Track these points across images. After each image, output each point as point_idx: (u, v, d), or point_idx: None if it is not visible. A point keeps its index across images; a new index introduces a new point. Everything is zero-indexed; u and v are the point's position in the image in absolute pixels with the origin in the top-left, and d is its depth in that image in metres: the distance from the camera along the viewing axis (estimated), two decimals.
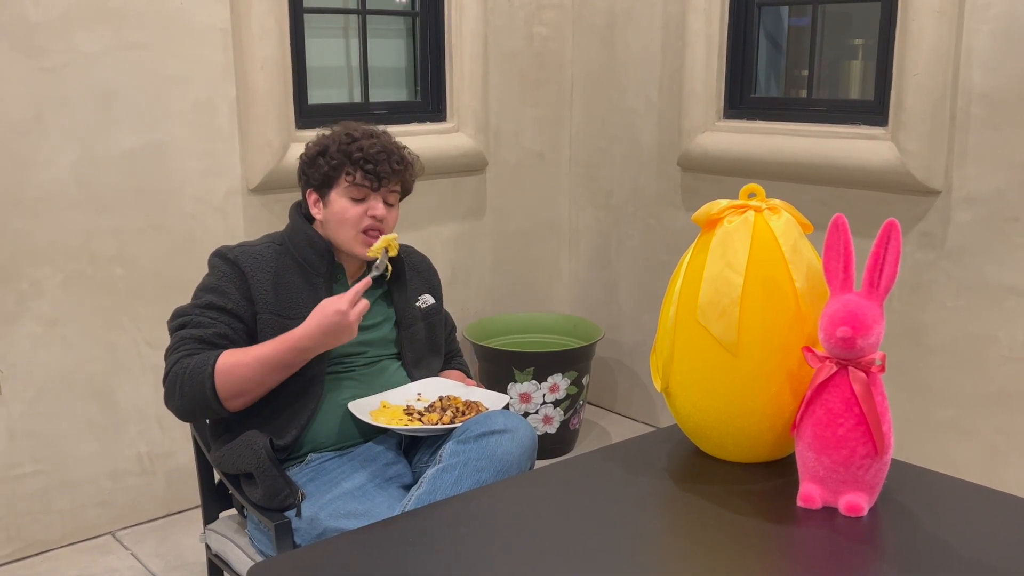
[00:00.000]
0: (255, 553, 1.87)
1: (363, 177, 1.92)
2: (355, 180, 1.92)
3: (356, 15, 3.31)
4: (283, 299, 1.90)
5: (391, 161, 1.94)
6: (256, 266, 1.90)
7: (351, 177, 1.92)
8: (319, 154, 1.96)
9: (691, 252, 1.61)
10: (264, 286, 1.89)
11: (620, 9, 3.58)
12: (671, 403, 1.64)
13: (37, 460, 2.73)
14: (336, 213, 1.93)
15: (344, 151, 1.93)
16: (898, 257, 1.38)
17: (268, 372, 1.80)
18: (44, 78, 2.59)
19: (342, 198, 1.93)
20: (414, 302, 2.08)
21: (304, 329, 1.78)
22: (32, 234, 2.63)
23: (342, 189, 1.93)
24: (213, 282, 1.89)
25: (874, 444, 1.40)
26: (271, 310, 1.88)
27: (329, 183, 1.95)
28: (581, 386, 3.42)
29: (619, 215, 3.73)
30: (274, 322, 1.87)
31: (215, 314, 1.86)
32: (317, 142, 1.98)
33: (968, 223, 2.75)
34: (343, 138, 1.94)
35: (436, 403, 1.93)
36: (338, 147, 1.93)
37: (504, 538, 1.37)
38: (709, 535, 1.37)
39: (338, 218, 1.93)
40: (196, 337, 1.83)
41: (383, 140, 1.96)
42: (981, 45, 2.65)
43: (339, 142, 1.94)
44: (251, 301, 1.88)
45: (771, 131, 3.15)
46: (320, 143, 1.97)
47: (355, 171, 1.92)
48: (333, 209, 1.94)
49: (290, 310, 1.89)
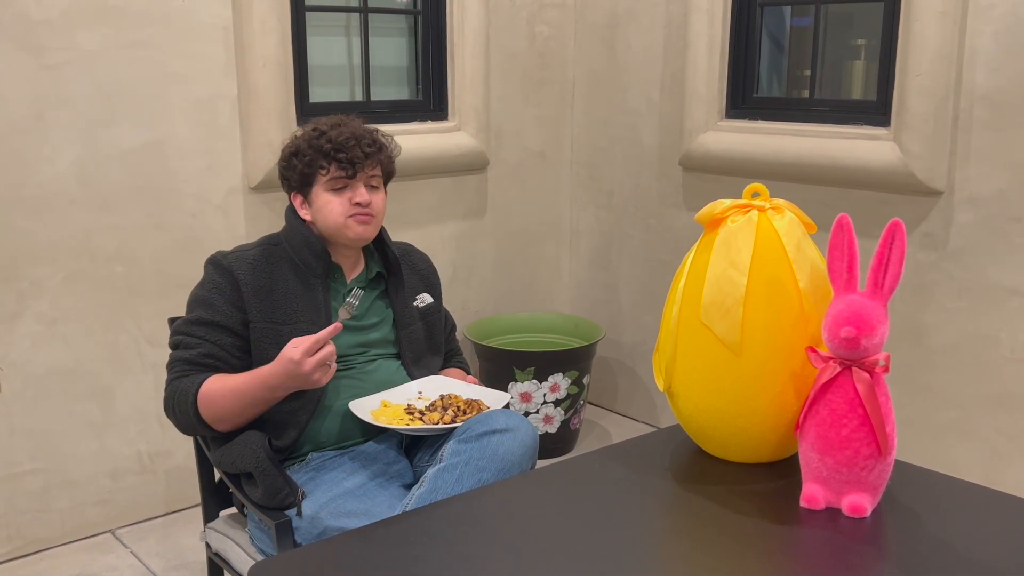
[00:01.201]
0: (255, 552, 1.87)
1: (338, 168, 1.91)
2: (330, 172, 1.91)
3: (358, 13, 3.31)
4: (278, 305, 1.89)
5: (362, 146, 1.92)
6: (250, 272, 1.89)
7: (325, 170, 1.91)
8: (292, 155, 1.96)
9: (694, 252, 1.60)
10: (258, 293, 1.88)
11: (622, 9, 3.58)
12: (674, 403, 1.64)
13: (37, 458, 2.72)
14: (321, 208, 1.93)
15: (314, 146, 1.92)
16: (902, 257, 1.38)
17: (244, 405, 1.80)
18: (45, 76, 2.59)
19: (324, 192, 1.92)
20: (411, 301, 2.08)
21: (271, 368, 1.76)
22: (33, 232, 2.63)
23: (321, 184, 1.93)
24: (203, 294, 1.89)
25: (877, 445, 1.39)
26: (265, 317, 1.87)
27: (309, 181, 1.94)
28: (582, 386, 3.41)
29: (620, 215, 3.73)
30: (268, 329, 1.87)
31: (204, 331, 1.86)
32: (289, 144, 1.98)
33: (970, 224, 2.75)
34: (311, 134, 1.94)
35: (437, 402, 1.92)
36: (308, 143, 1.93)
37: (506, 538, 1.37)
38: (711, 535, 1.37)
39: (324, 212, 1.92)
40: (184, 359, 1.85)
41: (351, 127, 1.94)
42: (984, 46, 2.65)
43: (308, 138, 1.94)
44: (242, 310, 1.87)
45: (773, 131, 3.15)
46: (292, 144, 1.97)
47: (328, 163, 1.91)
48: (318, 205, 1.93)
49: (285, 316, 1.88)
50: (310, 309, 1.90)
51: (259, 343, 1.86)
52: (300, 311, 1.88)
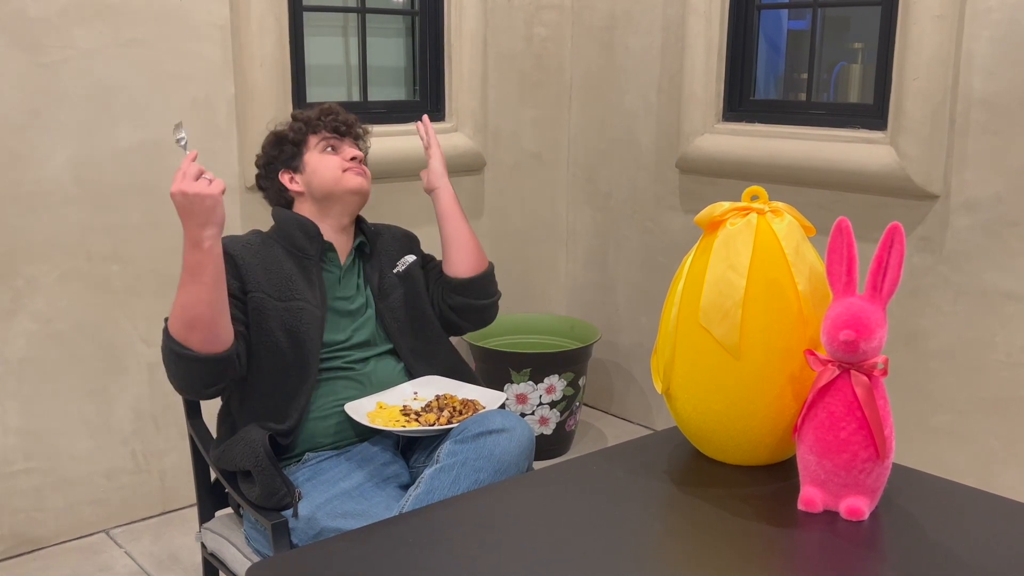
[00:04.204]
0: (251, 552, 1.86)
1: (332, 129, 2.06)
2: (321, 135, 2.06)
3: (355, 14, 3.31)
4: (274, 281, 1.92)
5: (343, 113, 2.09)
6: (245, 252, 1.93)
7: (318, 135, 2.05)
8: (278, 142, 2.08)
9: (693, 254, 1.60)
10: (254, 269, 1.91)
11: (620, 11, 3.58)
12: (672, 405, 1.64)
13: (31, 457, 2.71)
14: (316, 168, 2.03)
15: (303, 121, 2.07)
16: (901, 261, 1.38)
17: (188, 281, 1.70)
18: (42, 74, 2.58)
19: (316, 155, 2.05)
20: (392, 269, 2.12)
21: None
22: (28, 230, 2.62)
23: (313, 149, 2.05)
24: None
25: (875, 448, 1.39)
26: (262, 290, 1.90)
27: (299, 153, 2.05)
28: (578, 387, 3.41)
29: (617, 217, 3.73)
30: (265, 301, 1.89)
31: None
32: (269, 138, 2.10)
33: (967, 228, 2.75)
34: (294, 120, 2.10)
35: (433, 403, 1.92)
36: (290, 126, 2.08)
37: (503, 540, 1.36)
38: (709, 538, 1.37)
39: (320, 170, 2.03)
40: None
41: (326, 105, 2.11)
42: (981, 50, 2.65)
43: (291, 123, 2.09)
44: (240, 279, 1.89)
45: (770, 134, 3.15)
46: (274, 135, 2.10)
47: (319, 128, 2.06)
48: (311, 167, 2.04)
49: (281, 293, 1.91)
50: (306, 288, 1.93)
51: (257, 314, 1.88)
52: (296, 290, 1.91)
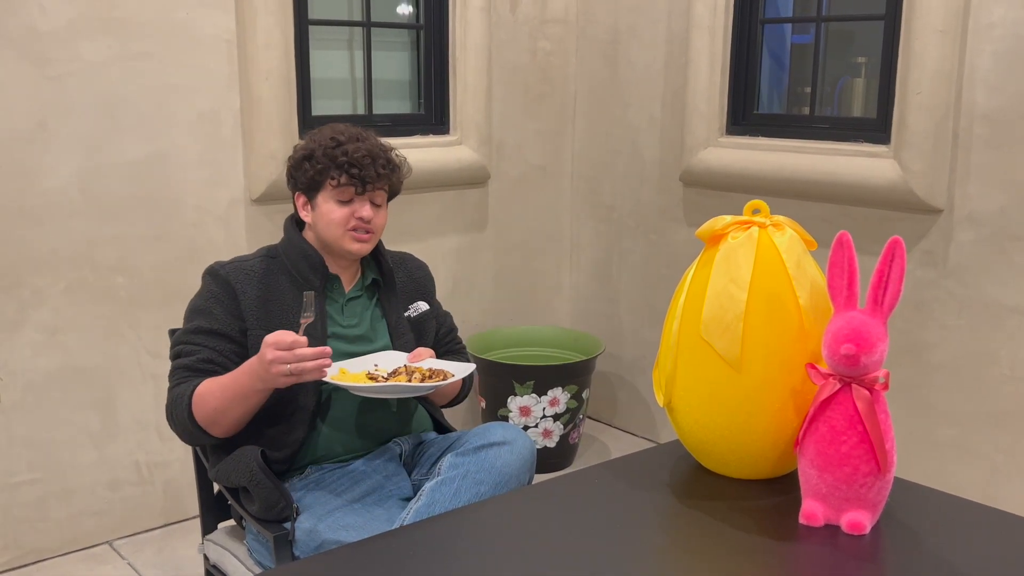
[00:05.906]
0: (253, 565, 1.86)
1: (348, 181, 1.91)
2: (340, 183, 1.91)
3: (361, 27, 3.32)
4: (274, 315, 1.89)
5: (376, 165, 1.92)
6: (247, 282, 1.90)
7: (335, 181, 1.91)
8: (305, 158, 1.95)
9: (695, 267, 1.61)
10: (255, 303, 1.88)
11: (624, 25, 3.59)
12: (673, 418, 1.64)
13: (35, 468, 2.72)
14: (323, 215, 1.93)
15: (329, 155, 1.91)
16: (902, 275, 1.38)
17: (231, 399, 1.77)
18: (49, 86, 2.59)
19: (328, 201, 1.93)
20: (404, 312, 2.08)
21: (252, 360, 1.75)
22: (34, 242, 2.63)
23: (328, 192, 1.92)
24: (201, 304, 1.89)
25: (877, 462, 1.39)
26: (262, 327, 1.87)
27: (316, 187, 1.94)
28: (581, 400, 3.41)
29: (621, 229, 3.74)
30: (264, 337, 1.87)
31: (203, 338, 1.86)
32: (304, 145, 1.98)
33: (970, 242, 2.75)
34: (328, 142, 1.93)
35: (401, 368, 1.90)
36: (323, 151, 1.92)
37: (504, 553, 1.36)
38: (710, 551, 1.37)
39: (325, 220, 1.93)
40: (184, 366, 1.85)
41: (369, 143, 1.94)
42: (984, 65, 2.66)
43: (324, 146, 1.93)
44: (240, 318, 1.87)
45: (773, 148, 3.16)
46: (306, 147, 1.96)
47: (339, 175, 1.91)
48: (320, 211, 1.94)
49: (282, 326, 1.87)
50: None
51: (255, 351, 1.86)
52: (296, 321, 1.88)
